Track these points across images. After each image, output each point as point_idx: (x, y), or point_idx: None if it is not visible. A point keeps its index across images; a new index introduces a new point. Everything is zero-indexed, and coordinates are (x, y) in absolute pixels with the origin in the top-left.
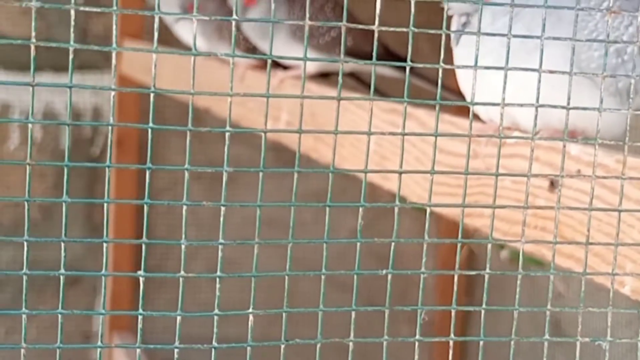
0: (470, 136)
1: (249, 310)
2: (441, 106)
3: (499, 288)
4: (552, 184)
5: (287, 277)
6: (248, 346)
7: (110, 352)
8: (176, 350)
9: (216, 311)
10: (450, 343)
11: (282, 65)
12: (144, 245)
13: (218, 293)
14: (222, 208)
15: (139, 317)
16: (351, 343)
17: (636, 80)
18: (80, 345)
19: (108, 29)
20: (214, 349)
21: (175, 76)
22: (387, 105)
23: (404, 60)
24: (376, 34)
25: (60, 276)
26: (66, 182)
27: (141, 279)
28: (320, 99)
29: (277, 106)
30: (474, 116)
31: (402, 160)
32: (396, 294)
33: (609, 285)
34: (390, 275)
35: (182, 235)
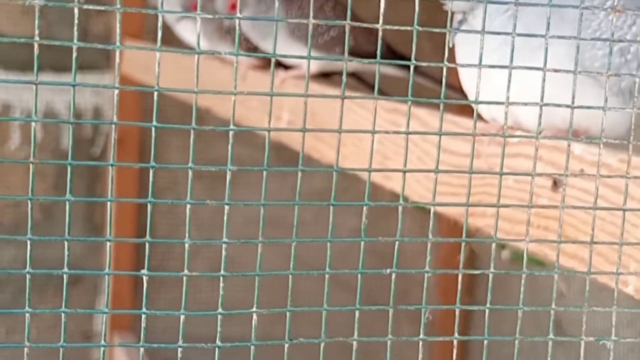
0: (474, 135)
1: (253, 309)
2: (444, 105)
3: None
4: (555, 184)
5: (291, 276)
6: (252, 345)
7: (110, 353)
8: (179, 350)
9: (220, 310)
10: (455, 342)
11: (284, 65)
12: (147, 244)
13: (222, 292)
14: (226, 207)
15: (142, 316)
16: (355, 342)
17: None
18: (83, 344)
19: (108, 29)
20: (217, 348)
21: (176, 76)
22: (389, 105)
23: (406, 59)
24: (380, 33)
25: (63, 275)
26: (69, 181)
27: (144, 277)
28: (322, 98)
29: (279, 106)
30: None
31: (406, 159)
32: (397, 293)
33: (611, 285)
34: (394, 275)
35: (186, 234)
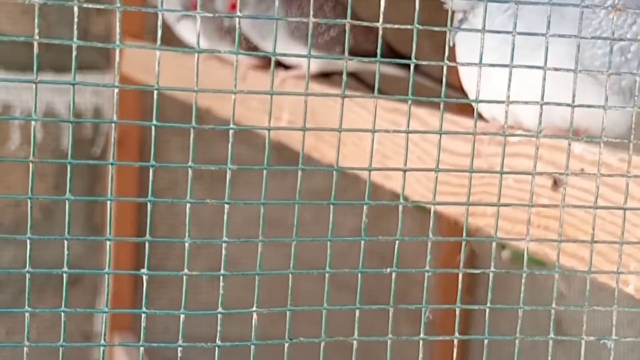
0: (475, 134)
1: (253, 308)
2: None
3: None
4: (555, 183)
5: (291, 275)
6: (252, 344)
7: (110, 353)
8: (179, 349)
9: (220, 309)
10: (455, 342)
11: (284, 65)
12: (147, 244)
13: (222, 291)
14: (226, 206)
15: (143, 315)
16: (355, 342)
17: None
18: (83, 344)
19: (108, 29)
20: (217, 347)
21: (176, 76)
22: (389, 104)
23: (406, 58)
24: (380, 32)
25: (63, 275)
26: (69, 180)
27: (144, 277)
28: (322, 97)
29: (279, 106)
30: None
31: (406, 159)
32: (396, 293)
33: (611, 284)
34: (394, 274)
35: (186, 234)
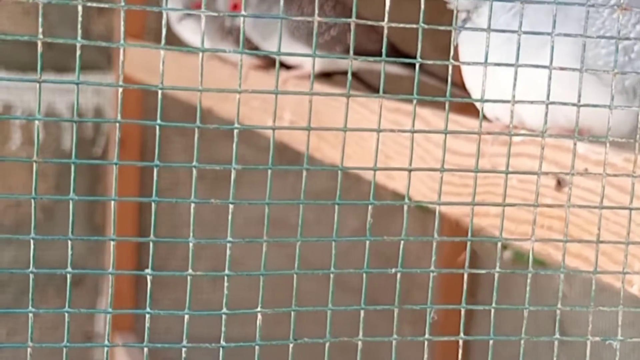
0: (480, 133)
1: (257, 309)
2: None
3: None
4: (559, 183)
5: (295, 276)
6: (256, 345)
7: (111, 353)
8: (184, 350)
9: (224, 310)
10: (460, 342)
11: (285, 65)
12: (151, 244)
13: (226, 292)
14: (230, 206)
15: (146, 316)
16: (359, 342)
17: None
18: (86, 345)
19: (110, 29)
20: (221, 348)
21: (177, 76)
22: (392, 104)
23: (410, 57)
24: (385, 31)
25: (65, 275)
26: (73, 180)
27: (148, 277)
28: (326, 96)
29: (281, 106)
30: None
31: (411, 158)
32: (400, 294)
33: (615, 285)
34: (399, 275)
35: (190, 234)
